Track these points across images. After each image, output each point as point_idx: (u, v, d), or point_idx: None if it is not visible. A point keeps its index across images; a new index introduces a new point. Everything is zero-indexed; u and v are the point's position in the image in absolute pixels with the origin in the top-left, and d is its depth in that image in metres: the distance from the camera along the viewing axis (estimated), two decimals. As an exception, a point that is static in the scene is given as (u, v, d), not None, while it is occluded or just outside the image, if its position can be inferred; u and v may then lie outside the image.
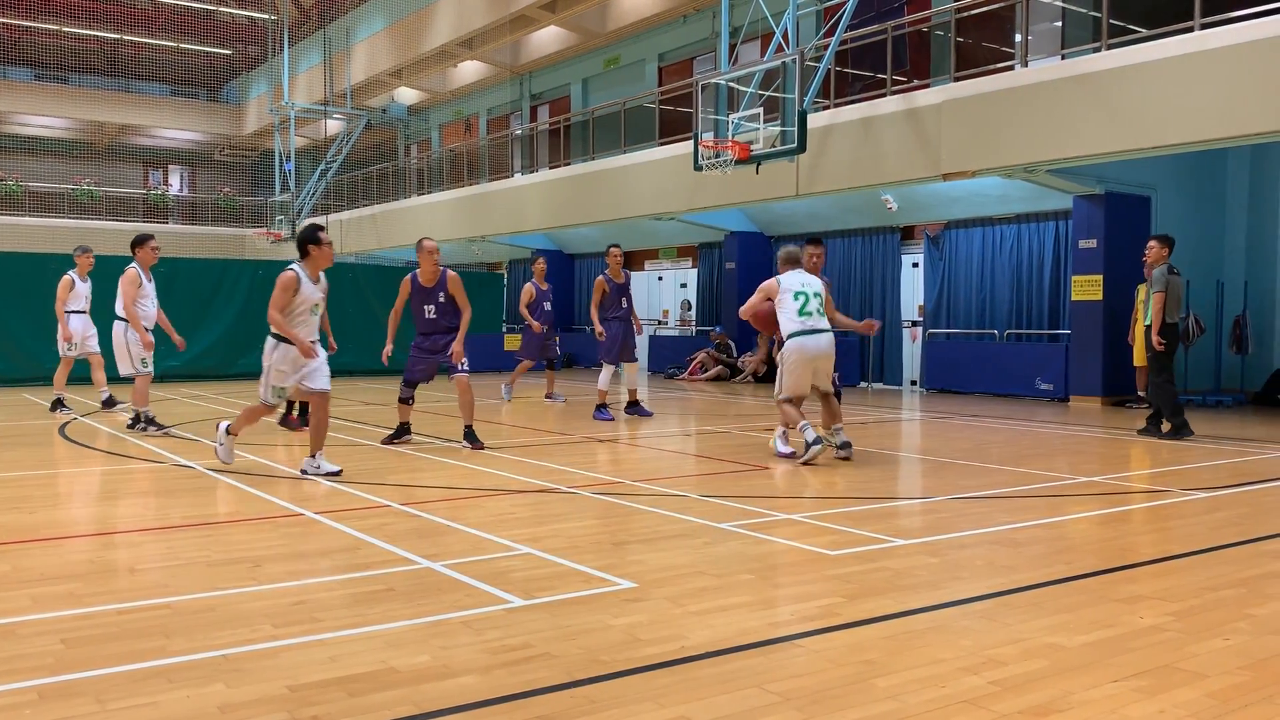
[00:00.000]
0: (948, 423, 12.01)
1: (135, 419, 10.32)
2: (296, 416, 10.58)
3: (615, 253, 12.36)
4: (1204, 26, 11.22)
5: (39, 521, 5.87)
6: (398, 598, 4.25)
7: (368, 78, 29.90)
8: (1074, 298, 14.52)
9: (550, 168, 22.80)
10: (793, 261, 8.65)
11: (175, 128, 37.57)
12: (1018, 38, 13.62)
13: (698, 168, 14.32)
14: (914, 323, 17.88)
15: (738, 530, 5.63)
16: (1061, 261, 15.31)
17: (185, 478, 7.47)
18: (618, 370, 12.14)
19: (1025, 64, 13.27)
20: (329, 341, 10.90)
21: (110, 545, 5.37)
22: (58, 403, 12.08)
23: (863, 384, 17.81)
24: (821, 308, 8.48)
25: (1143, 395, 13.69)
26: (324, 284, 7.60)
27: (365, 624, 3.89)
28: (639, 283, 23.39)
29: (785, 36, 13.55)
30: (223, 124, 38.33)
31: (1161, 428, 10.34)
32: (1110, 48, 12.11)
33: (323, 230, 7.62)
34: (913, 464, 8.75)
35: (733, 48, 14.77)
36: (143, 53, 36.37)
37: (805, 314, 8.35)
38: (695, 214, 18.72)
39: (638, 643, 3.67)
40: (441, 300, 9.04)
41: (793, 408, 8.37)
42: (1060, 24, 14.10)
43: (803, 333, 8.32)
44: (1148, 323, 10.23)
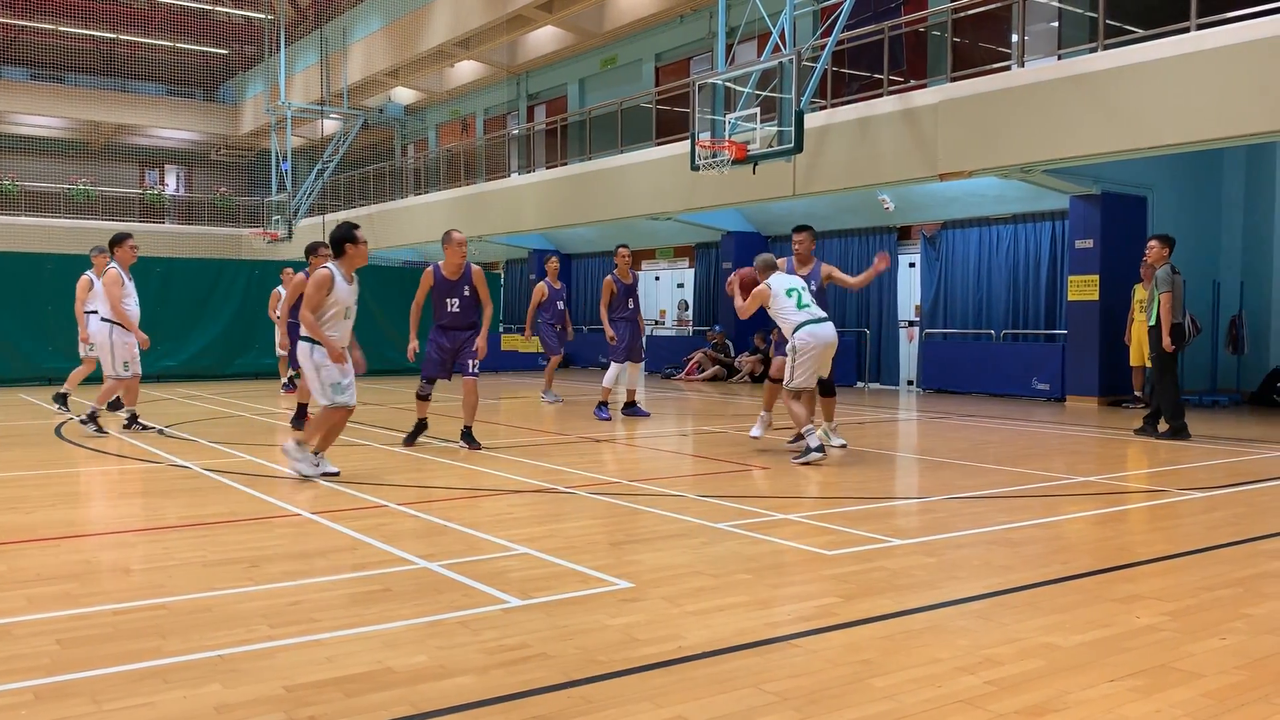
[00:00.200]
0: (944, 423, 12.02)
1: (131, 419, 10.32)
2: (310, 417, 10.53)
3: (624, 253, 12.31)
4: (1200, 27, 11.23)
5: (35, 522, 5.87)
6: (395, 598, 4.24)
7: (364, 77, 29.89)
8: (1070, 298, 14.54)
9: (547, 168, 22.79)
10: (771, 268, 8.74)
11: (171, 127, 37.52)
12: (1014, 38, 13.63)
13: (694, 168, 14.32)
14: (911, 323, 17.89)
15: (735, 530, 5.63)
16: (1058, 261, 15.33)
17: (182, 478, 7.46)
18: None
19: (1022, 64, 13.28)
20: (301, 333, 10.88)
21: (106, 546, 5.36)
22: (62, 398, 12.05)
23: (859, 384, 17.82)
24: (814, 299, 8.60)
25: (1139, 395, 13.71)
26: (357, 286, 7.27)
27: (362, 624, 3.89)
28: (636, 282, 23.34)
29: (782, 36, 13.55)
30: (219, 124, 38.28)
31: (1158, 428, 10.34)
32: (1107, 48, 12.12)
33: (358, 228, 7.26)
34: (909, 464, 8.76)
35: (730, 48, 14.78)
36: (139, 52, 36.32)
37: (804, 306, 8.41)
38: (692, 214, 18.73)
39: (635, 643, 3.67)
40: (466, 294, 8.88)
41: (801, 408, 8.35)
42: (1057, 24, 14.11)
43: (810, 322, 8.38)
44: (1151, 323, 10.17)
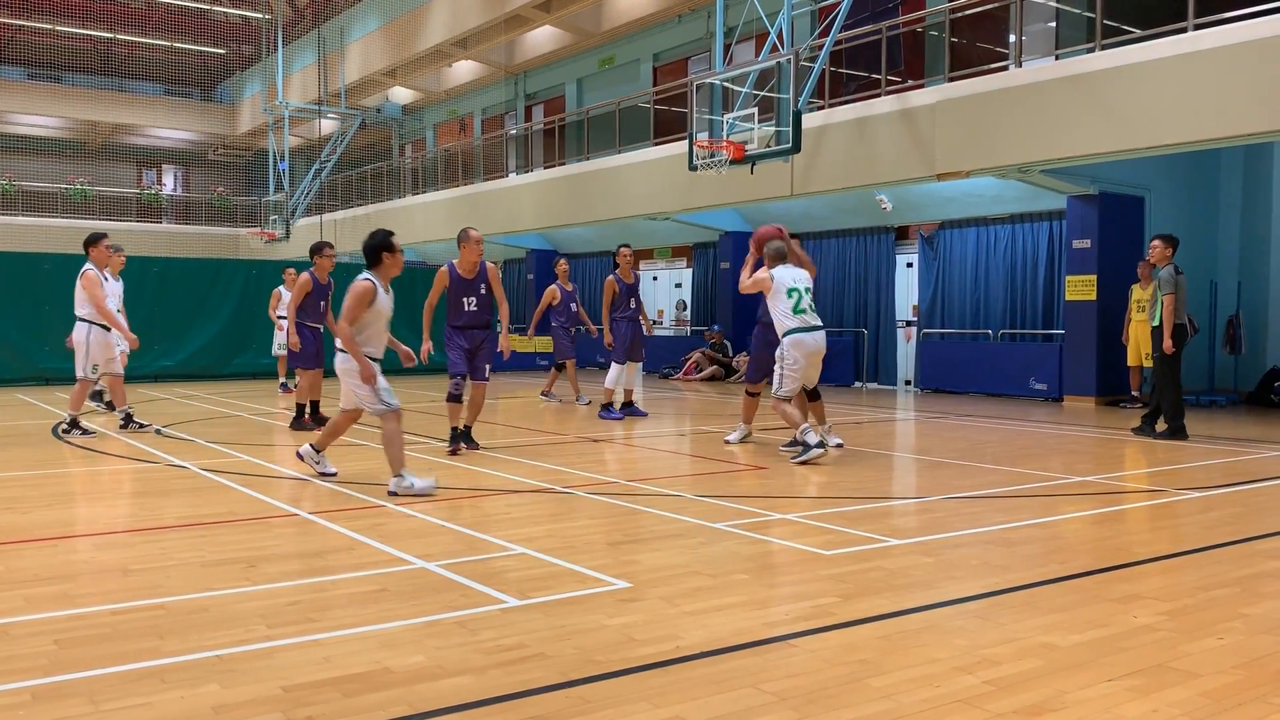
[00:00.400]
0: (942, 422, 12.03)
1: (126, 419, 10.29)
2: (310, 418, 10.52)
3: (625, 253, 12.28)
4: (1197, 27, 11.24)
5: (32, 522, 5.86)
6: (393, 598, 4.24)
7: (362, 77, 29.86)
8: (1068, 298, 14.55)
9: (545, 168, 22.78)
10: (780, 257, 8.68)
11: (169, 127, 37.49)
12: (1012, 38, 13.65)
13: (692, 168, 14.32)
14: (908, 323, 17.90)
15: (733, 530, 5.63)
16: (1055, 261, 15.33)
17: (179, 478, 7.46)
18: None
19: (1019, 64, 13.28)
20: (335, 343, 10.87)
21: (104, 546, 5.35)
22: (97, 395, 12.20)
23: (857, 384, 17.82)
24: (813, 303, 8.59)
25: (1136, 395, 13.73)
26: (392, 294, 7.08)
27: (360, 624, 3.89)
28: (634, 282, 23.33)
29: (780, 36, 13.55)
30: (217, 123, 38.26)
31: (1156, 427, 10.35)
32: (1104, 48, 12.13)
33: (394, 235, 6.97)
34: (907, 464, 8.77)
35: (727, 48, 14.77)
36: (136, 52, 36.28)
37: (800, 311, 8.41)
38: (690, 214, 18.72)
39: (632, 643, 3.67)
40: (482, 293, 8.80)
41: (793, 409, 8.40)
42: (1054, 24, 14.11)
43: (799, 330, 8.40)
44: (1154, 323, 10.16)
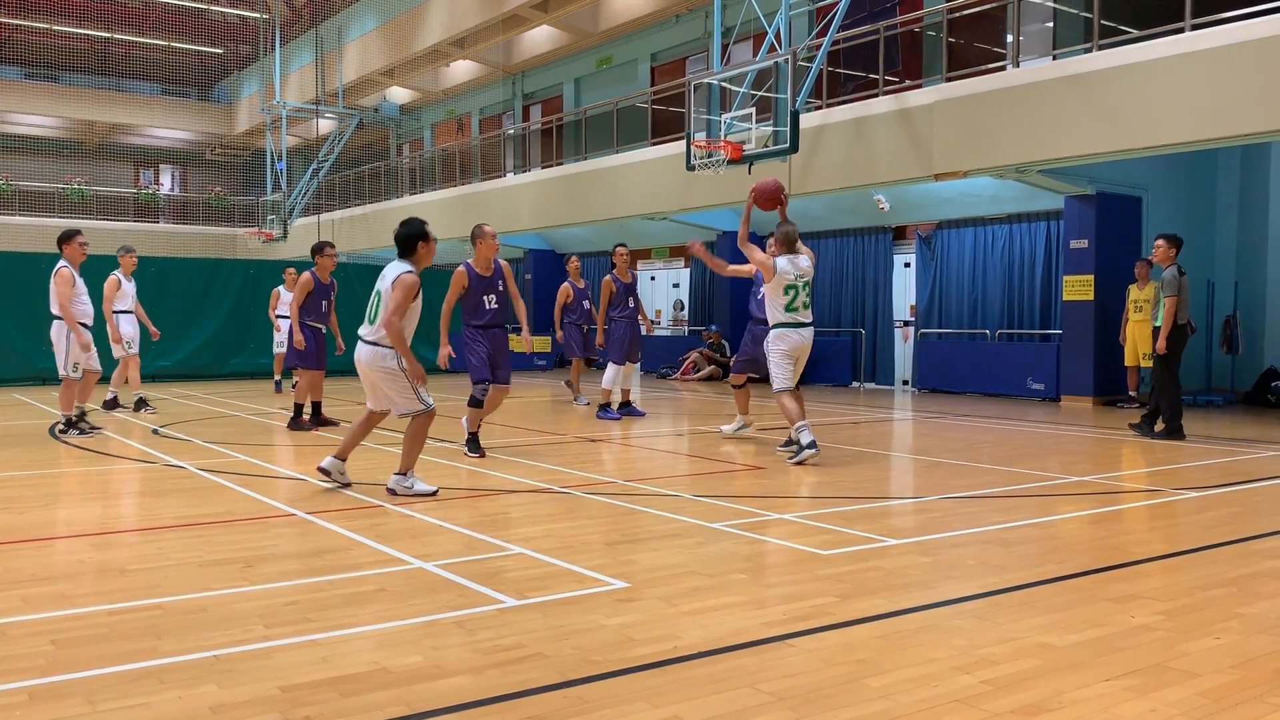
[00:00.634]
0: (939, 422, 12.04)
1: (80, 415, 9.91)
2: (309, 418, 10.49)
3: (622, 252, 12.24)
4: (1195, 27, 11.25)
5: (30, 522, 5.86)
6: (391, 598, 4.24)
7: (359, 77, 29.86)
8: (1065, 298, 14.56)
9: (542, 167, 22.78)
10: (789, 243, 8.43)
11: (166, 127, 37.46)
12: (1009, 38, 13.65)
13: (690, 168, 14.31)
14: (906, 322, 17.91)
15: (730, 530, 5.63)
16: (1053, 261, 15.35)
17: (177, 478, 7.45)
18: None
19: (1017, 64, 13.29)
20: (337, 343, 10.87)
21: (101, 546, 5.34)
22: (141, 402, 12.06)
23: (854, 384, 17.83)
24: (809, 300, 8.52)
25: (1134, 395, 13.74)
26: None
27: (358, 624, 3.89)
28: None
29: (778, 36, 13.55)
30: (214, 123, 38.23)
31: (1154, 427, 10.35)
32: (1102, 48, 12.14)
33: (427, 224, 6.77)
34: (905, 464, 8.77)
35: (725, 48, 14.77)
36: (133, 51, 36.26)
37: (792, 309, 8.37)
38: (687, 214, 18.72)
39: (630, 643, 3.67)
40: (500, 289, 8.64)
41: (791, 403, 8.36)
42: (1052, 24, 14.13)
43: (787, 325, 8.40)
44: (1156, 324, 10.14)
